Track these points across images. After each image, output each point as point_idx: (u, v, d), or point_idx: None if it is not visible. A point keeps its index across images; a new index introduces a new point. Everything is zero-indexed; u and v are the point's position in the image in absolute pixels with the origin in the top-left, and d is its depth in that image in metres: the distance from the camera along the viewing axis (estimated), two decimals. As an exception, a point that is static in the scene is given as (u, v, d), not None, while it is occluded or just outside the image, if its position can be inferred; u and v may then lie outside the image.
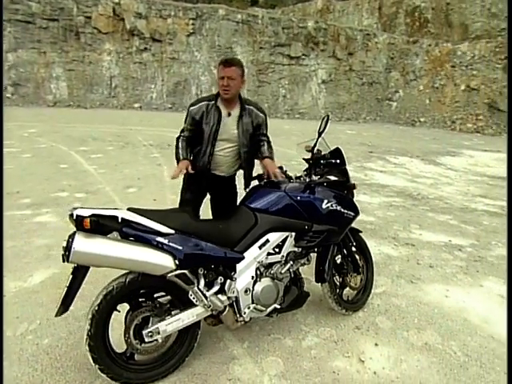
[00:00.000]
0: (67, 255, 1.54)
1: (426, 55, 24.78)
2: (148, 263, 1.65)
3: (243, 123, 2.36)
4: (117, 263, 1.64)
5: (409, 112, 26.77)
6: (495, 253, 3.79)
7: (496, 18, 25.35)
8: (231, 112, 2.37)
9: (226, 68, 2.24)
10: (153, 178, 6.49)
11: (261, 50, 28.70)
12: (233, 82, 2.24)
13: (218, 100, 2.36)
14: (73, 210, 1.64)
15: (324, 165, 2.32)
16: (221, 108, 2.34)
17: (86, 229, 1.59)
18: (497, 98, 21.78)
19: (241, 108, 2.37)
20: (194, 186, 2.57)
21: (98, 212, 1.63)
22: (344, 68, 28.76)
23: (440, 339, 2.32)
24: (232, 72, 2.23)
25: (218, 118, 2.32)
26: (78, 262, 1.58)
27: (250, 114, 2.38)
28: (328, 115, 2.40)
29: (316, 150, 2.37)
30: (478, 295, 2.92)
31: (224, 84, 2.23)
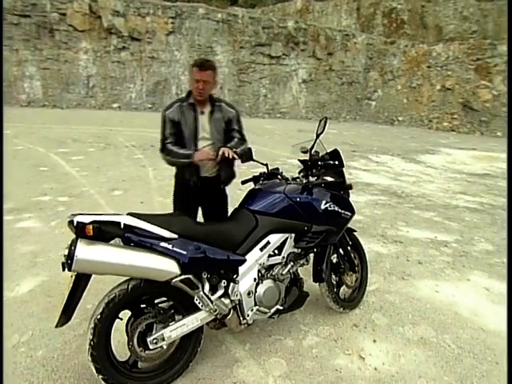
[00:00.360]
0: (69, 263, 1.49)
1: (403, 56, 25.39)
2: (152, 269, 1.62)
3: (215, 119, 2.39)
4: (121, 270, 1.61)
5: (387, 111, 27.35)
6: (479, 248, 3.94)
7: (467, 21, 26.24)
8: (204, 110, 2.40)
9: (201, 72, 2.26)
10: (138, 180, 6.38)
11: (241, 50, 28.65)
12: (208, 85, 2.29)
13: (190, 99, 2.38)
14: (72, 217, 1.59)
15: (322, 166, 2.35)
16: (195, 104, 2.36)
17: (88, 236, 1.55)
18: (470, 98, 22.55)
19: (211, 105, 2.39)
20: (183, 196, 2.56)
21: (100, 218, 1.60)
22: (324, 68, 29.09)
23: (434, 333, 2.40)
24: (207, 76, 2.27)
25: (194, 116, 2.34)
26: (81, 270, 1.54)
27: (220, 109, 2.41)
28: (326, 117, 2.43)
29: (314, 152, 2.39)
30: (466, 289, 3.03)
31: (199, 87, 2.27)
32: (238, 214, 2.10)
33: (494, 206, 5.69)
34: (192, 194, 2.53)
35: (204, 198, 2.56)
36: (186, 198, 2.56)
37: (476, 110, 22.06)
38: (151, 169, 7.36)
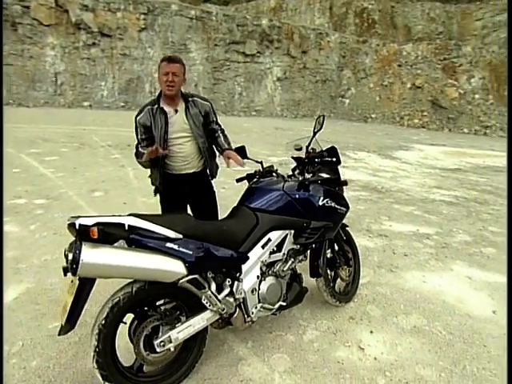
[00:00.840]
0: (74, 268, 1.44)
1: (374, 54, 26.05)
2: (159, 270, 1.60)
3: (192, 115, 2.36)
4: (127, 273, 1.57)
5: (361, 108, 27.98)
6: (458, 239, 4.13)
7: (434, 22, 27.29)
8: (177, 108, 2.37)
9: (170, 64, 2.24)
10: (118, 181, 6.22)
11: (216, 48, 28.44)
12: (177, 78, 2.25)
13: (160, 102, 2.35)
14: (73, 219, 1.55)
15: (319, 163, 2.39)
16: (165, 108, 2.33)
17: (92, 239, 1.50)
18: (438, 96, 23.47)
19: (185, 101, 2.38)
20: (171, 195, 2.54)
21: (103, 220, 1.56)
22: (298, 66, 29.38)
23: (426, 321, 2.50)
24: (176, 68, 2.25)
25: (164, 120, 2.31)
26: (87, 274, 1.49)
27: (195, 104, 2.40)
28: (324, 115, 2.47)
29: (310, 149, 2.42)
30: (450, 278, 3.17)
31: (169, 79, 2.22)
32: (238, 211, 2.10)
33: (467, 199, 5.97)
34: (179, 192, 2.50)
35: (192, 194, 2.54)
36: (174, 197, 2.52)
37: (444, 107, 23.00)
38: (131, 169, 7.19)
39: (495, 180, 7.80)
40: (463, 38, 25.20)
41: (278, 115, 28.71)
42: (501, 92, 23.26)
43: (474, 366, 2.09)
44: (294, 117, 27.90)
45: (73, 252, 1.46)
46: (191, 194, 2.52)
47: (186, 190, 2.50)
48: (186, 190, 2.49)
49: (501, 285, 3.09)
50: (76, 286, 1.53)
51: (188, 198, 2.55)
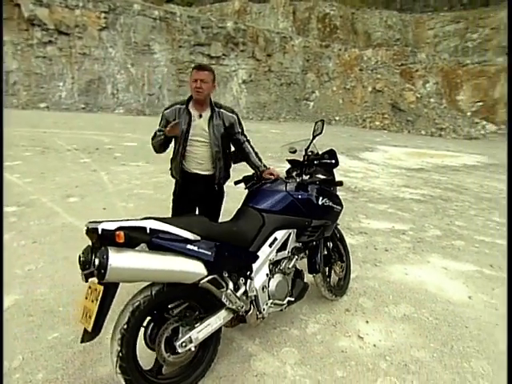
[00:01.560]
0: (102, 273, 1.44)
1: (337, 59, 26.99)
2: (182, 272, 1.63)
3: (214, 124, 2.49)
4: (152, 276, 1.60)
5: (325, 111, 28.82)
6: (430, 234, 4.45)
7: (391, 30, 28.79)
8: (202, 114, 2.50)
9: (199, 71, 2.40)
10: (93, 186, 6.04)
11: (180, 49, 28.13)
12: (205, 85, 2.39)
13: (189, 104, 2.50)
14: (95, 224, 1.55)
15: (317, 164, 2.52)
16: (191, 111, 2.48)
17: (117, 243, 1.52)
18: (398, 99, 24.76)
19: (211, 110, 2.50)
20: (184, 194, 2.63)
21: (125, 224, 1.57)
22: (263, 69, 29.76)
23: (413, 309, 2.71)
24: (205, 76, 2.39)
25: (188, 121, 2.46)
26: (115, 279, 1.50)
27: (219, 115, 2.52)
28: (323, 120, 2.60)
29: (309, 152, 2.55)
30: (429, 270, 3.43)
31: (197, 86, 2.37)
32: (244, 212, 2.17)
33: (433, 197, 6.42)
34: (192, 191, 2.56)
35: (203, 196, 2.61)
36: (186, 196, 2.59)
37: (403, 110, 24.29)
38: (104, 173, 7.00)
39: (455, 179, 8.42)
40: (418, 45, 26.83)
41: (244, 117, 28.86)
42: (452, 96, 24.97)
43: (460, 345, 2.31)
44: (260, 119, 28.16)
45: (99, 257, 1.46)
46: (202, 196, 2.60)
47: (199, 191, 2.58)
48: (198, 191, 2.58)
49: (473, 273, 3.39)
50: (101, 292, 1.53)
51: (197, 200, 2.60)
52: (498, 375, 2.07)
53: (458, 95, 24.97)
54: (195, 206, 2.65)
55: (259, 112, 29.93)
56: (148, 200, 5.40)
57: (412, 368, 2.09)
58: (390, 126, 24.37)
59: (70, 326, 2.37)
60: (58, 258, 3.36)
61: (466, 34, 26.98)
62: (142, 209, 4.94)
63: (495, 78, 24.06)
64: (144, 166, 8.04)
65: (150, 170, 7.52)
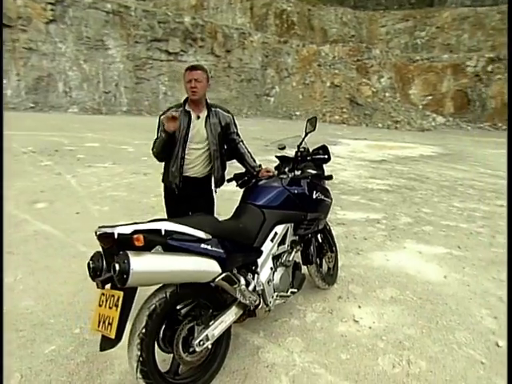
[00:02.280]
0: (124, 278, 1.42)
1: (296, 54, 27.45)
2: (199, 271, 1.66)
3: (211, 123, 2.51)
4: (171, 278, 1.60)
5: (285, 106, 29.23)
6: (402, 221, 4.75)
7: (347, 26, 29.75)
8: (200, 115, 2.51)
9: (192, 71, 2.40)
10: (61, 190, 5.77)
11: (136, 45, 27.20)
12: (200, 84, 2.39)
13: (186, 106, 2.50)
14: (110, 229, 1.54)
15: (311, 160, 2.61)
16: (190, 111, 2.47)
17: (136, 247, 1.51)
18: (355, 94, 25.71)
19: (208, 110, 2.52)
20: (173, 201, 2.61)
21: (140, 227, 1.57)
22: (223, 65, 29.58)
23: (398, 292, 2.91)
24: (198, 75, 2.39)
25: (187, 122, 2.45)
26: (136, 283, 1.49)
27: (216, 114, 2.55)
28: (316, 117, 2.70)
29: (302, 148, 2.64)
30: (406, 254, 3.68)
31: (192, 86, 2.38)
32: (245, 209, 2.22)
33: (399, 187, 6.81)
34: (180, 198, 2.56)
35: (193, 200, 2.60)
36: (176, 203, 2.58)
37: (360, 104, 25.27)
38: (70, 176, 6.69)
39: (416, 169, 8.96)
40: (372, 41, 28.01)
41: (206, 114, 28.50)
42: (405, 90, 26.36)
43: (444, 320, 2.54)
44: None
45: (119, 262, 1.44)
46: (197, 199, 2.59)
47: (195, 194, 2.57)
48: (195, 194, 2.57)
49: (444, 255, 3.69)
50: (121, 297, 1.51)
51: (194, 203, 2.59)
52: (479, 342, 2.31)
53: (410, 89, 26.44)
54: (191, 210, 2.64)
55: (221, 108, 29.70)
56: (123, 202, 5.26)
57: (406, 344, 2.26)
58: (348, 119, 25.25)
59: (65, 337, 2.30)
60: (38, 267, 3.21)
61: (415, 31, 28.64)
62: (119, 212, 4.81)
63: (442, 74, 25.72)
64: (112, 167, 7.77)
65: (118, 172, 7.29)
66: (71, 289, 2.87)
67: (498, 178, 7.97)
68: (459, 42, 27.49)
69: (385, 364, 2.09)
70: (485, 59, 24.83)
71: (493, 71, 24.56)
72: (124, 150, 10.12)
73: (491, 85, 24.49)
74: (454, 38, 27.61)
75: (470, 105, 25.25)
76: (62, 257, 3.46)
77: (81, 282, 2.97)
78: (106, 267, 1.62)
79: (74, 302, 2.70)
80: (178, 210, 2.59)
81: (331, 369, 2.03)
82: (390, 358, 2.14)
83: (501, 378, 2.02)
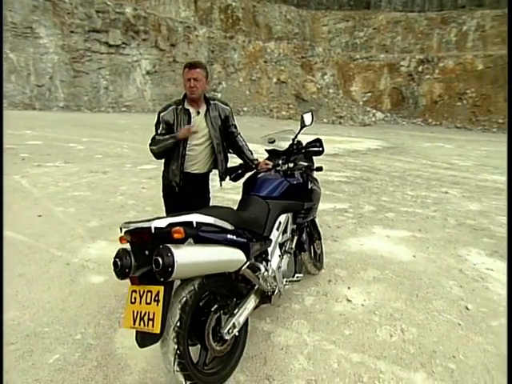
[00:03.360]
0: (169, 272, 1.43)
1: (242, 50, 27.57)
2: (230, 261, 1.72)
3: (211, 117, 2.55)
4: (207, 268, 1.65)
5: (233, 102, 29.18)
6: (366, 209, 5.13)
7: (290, 24, 30.51)
8: (199, 110, 2.54)
9: (191, 70, 2.41)
10: (14, 192, 5.34)
11: (72, 35, 25.34)
12: (198, 83, 2.42)
13: (185, 103, 2.51)
14: (144, 224, 1.54)
15: (306, 152, 2.76)
16: (189, 109, 2.49)
17: (175, 240, 1.53)
18: (301, 90, 26.57)
19: (207, 104, 2.55)
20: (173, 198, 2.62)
21: (175, 220, 1.60)
22: (168, 59, 28.75)
23: (379, 272, 3.20)
24: (197, 74, 2.42)
25: (188, 120, 2.47)
26: (180, 276, 1.52)
27: (216, 107, 2.59)
28: (312, 110, 2.84)
29: (296, 141, 2.77)
30: (377, 239, 4.02)
31: (191, 85, 2.41)
32: (251, 201, 2.30)
33: (356, 178, 7.29)
34: (180, 195, 2.57)
35: (193, 197, 2.62)
36: (177, 201, 2.58)
37: (306, 100, 26.18)
38: (19, 177, 6.19)
39: (367, 161, 9.62)
40: (315, 39, 29.10)
41: (151, 111, 27.46)
42: (347, 87, 27.81)
43: (422, 293, 2.86)
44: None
45: (162, 256, 1.45)
46: (190, 195, 2.60)
47: (195, 191, 2.60)
48: (195, 191, 2.59)
49: (409, 237, 4.08)
50: (161, 291, 1.52)
51: (194, 199, 2.60)
52: (453, 307, 2.67)
53: (351, 86, 27.96)
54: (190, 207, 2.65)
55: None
56: (88, 202, 5.01)
57: (397, 316, 2.53)
58: (295, 115, 25.99)
59: (67, 344, 2.21)
60: (12, 276, 3.00)
61: (354, 31, 30.29)
62: (87, 212, 4.59)
63: (380, 72, 27.60)
64: (65, 166, 7.29)
65: (74, 171, 6.87)
66: (58, 295, 2.73)
67: (438, 168, 8.87)
68: (393, 43, 29.71)
69: (383, 334, 2.33)
70: (416, 60, 27.16)
71: (423, 71, 26.98)
72: (73, 148, 9.51)
73: (422, 84, 26.90)
74: (389, 39, 29.78)
75: (405, 102, 27.49)
76: (36, 263, 3.26)
77: (66, 286, 2.85)
78: (135, 263, 1.61)
79: (65, 308, 2.58)
80: (178, 207, 2.58)
81: (339, 344, 2.22)
82: (386, 329, 2.39)
83: (475, 334, 2.36)
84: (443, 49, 27.79)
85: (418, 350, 2.20)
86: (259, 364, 2.03)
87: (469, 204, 5.59)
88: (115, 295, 2.72)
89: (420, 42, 28.54)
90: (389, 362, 2.09)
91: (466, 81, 24.86)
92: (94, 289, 2.82)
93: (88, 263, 3.24)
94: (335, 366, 2.02)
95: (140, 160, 8.24)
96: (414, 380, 1.96)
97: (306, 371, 1.98)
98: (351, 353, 2.14)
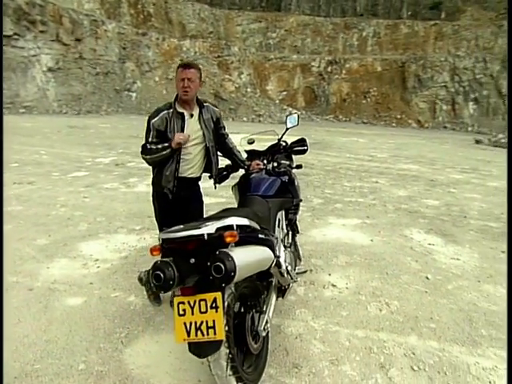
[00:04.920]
0: (232, 276, 1.45)
1: (156, 48, 26.57)
2: (266, 259, 1.79)
3: (205, 119, 2.52)
4: (254, 269, 1.69)
5: (149, 102, 28.06)
6: (316, 202, 5.54)
7: (205, 22, 30.34)
8: (192, 113, 2.49)
9: (185, 70, 2.37)
10: None
11: None
12: (192, 84, 2.38)
13: (176, 105, 2.44)
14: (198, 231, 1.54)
15: (292, 151, 2.90)
16: (183, 112, 2.43)
17: (227, 243, 1.56)
18: (219, 89, 26.68)
19: (199, 107, 2.53)
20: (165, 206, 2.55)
21: (219, 225, 1.61)
22: (73, 55, 26.29)
23: (349, 257, 3.55)
24: (191, 74, 2.38)
25: (181, 124, 2.41)
26: (239, 279, 1.53)
27: (208, 110, 2.56)
28: (298, 113, 2.97)
29: (283, 141, 2.90)
30: (335, 229, 4.40)
31: (184, 85, 2.35)
32: (252, 201, 2.37)
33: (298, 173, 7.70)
34: (174, 201, 2.51)
35: (187, 202, 2.59)
36: (170, 207, 2.52)
37: (225, 99, 26.41)
38: None
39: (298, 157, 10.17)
40: (229, 39, 29.41)
41: (56, 112, 24.82)
42: (263, 86, 28.80)
43: (389, 270, 3.28)
44: (77, 113, 24.80)
45: (223, 261, 1.45)
46: (184, 200, 2.56)
47: (188, 195, 2.55)
48: (187, 195, 2.54)
49: (361, 224, 4.56)
50: (219, 297, 1.52)
51: (186, 204, 2.56)
52: (417, 279, 3.13)
53: (267, 85, 29.05)
54: (184, 212, 2.61)
55: (74, 105, 26.39)
56: (25, 218, 4.48)
57: (378, 293, 2.88)
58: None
59: (72, 377, 1.98)
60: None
61: (267, 32, 31.46)
62: (29, 229, 4.12)
63: (293, 72, 29.21)
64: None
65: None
66: (34, 326, 2.41)
67: (362, 161, 9.87)
68: (304, 44, 31.66)
69: (374, 310, 2.64)
70: (325, 61, 29.41)
71: (332, 71, 29.37)
72: (-22, 157, 8.20)
73: (332, 83, 29.27)
74: (300, 41, 31.65)
75: (317, 100, 29.59)
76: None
77: (40, 315, 2.53)
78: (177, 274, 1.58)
79: (51, 339, 2.30)
80: (171, 213, 2.52)
81: (342, 324, 2.46)
82: (374, 305, 2.71)
83: (439, 297, 2.83)
84: (348, 51, 30.67)
85: (405, 318, 2.56)
86: (282, 355, 2.15)
87: (397, 191, 6.41)
88: (105, 315, 2.53)
89: (327, 44, 31.01)
90: (387, 332, 2.39)
91: (369, 81, 27.91)
92: (75, 312, 2.57)
93: (55, 285, 2.93)
94: (347, 344, 2.25)
95: (67, 167, 7.53)
96: (410, 342, 2.29)
97: (325, 353, 2.16)
98: (355, 330, 2.39)
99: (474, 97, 27.90)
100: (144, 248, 3.64)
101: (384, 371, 2.04)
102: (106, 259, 3.40)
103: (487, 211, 5.35)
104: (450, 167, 9.49)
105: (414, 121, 27.61)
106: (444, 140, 19.68)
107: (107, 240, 3.87)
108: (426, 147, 15.03)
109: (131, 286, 2.91)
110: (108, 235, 4.02)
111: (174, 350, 2.15)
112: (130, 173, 7.24)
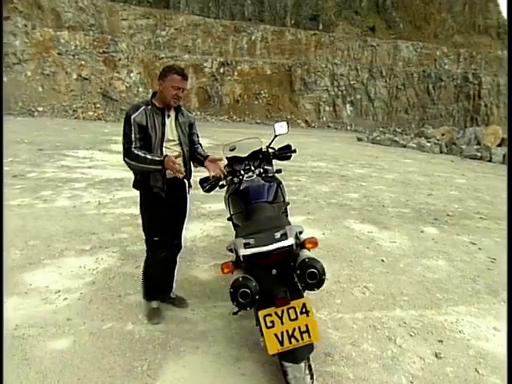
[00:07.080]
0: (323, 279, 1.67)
1: (26, 37, 22.94)
2: None
3: (180, 123, 2.50)
4: None
5: (21, 101, 24.24)
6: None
7: (84, 13, 27.42)
8: (170, 114, 2.47)
9: (183, 80, 2.37)
10: None
11: None
12: (183, 94, 2.42)
13: (156, 103, 2.40)
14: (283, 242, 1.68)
15: (280, 157, 3.03)
16: (163, 108, 2.41)
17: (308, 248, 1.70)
18: (108, 88, 24.60)
19: (175, 110, 2.50)
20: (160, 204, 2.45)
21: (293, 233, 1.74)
22: None
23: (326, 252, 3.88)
24: (186, 85, 2.42)
25: (162, 121, 2.38)
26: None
27: (183, 114, 2.56)
28: (287, 121, 3.08)
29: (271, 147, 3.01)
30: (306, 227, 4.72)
31: (179, 95, 2.37)
32: (260, 208, 2.46)
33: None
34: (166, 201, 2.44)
35: (177, 203, 2.56)
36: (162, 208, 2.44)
37: (115, 99, 24.52)
38: None
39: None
40: (115, 34, 27.23)
41: None
42: (154, 86, 27.61)
43: (352, 258, 3.76)
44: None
45: (316, 267, 1.58)
46: (174, 201, 2.52)
47: (177, 196, 2.51)
48: (176, 196, 2.51)
49: (306, 220, 4.99)
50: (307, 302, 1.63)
51: (171, 204, 2.50)
52: (376, 262, 3.67)
53: (160, 85, 27.84)
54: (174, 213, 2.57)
55: None
56: None
57: (354, 279, 3.30)
58: (104, 115, 24.00)
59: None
60: None
61: (156, 30, 30.16)
62: None
63: (186, 71, 28.69)
64: None
65: None
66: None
67: (276, 160, 10.47)
68: (195, 45, 31.44)
69: (359, 294, 3.04)
70: (217, 62, 29.80)
71: (224, 73, 29.95)
72: None
73: (224, 84, 29.86)
74: (191, 41, 31.30)
75: (211, 100, 29.82)
76: None
77: (25, 369, 2.07)
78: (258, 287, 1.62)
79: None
80: (164, 215, 2.46)
81: (342, 311, 2.78)
82: (357, 289, 3.11)
83: (399, 275, 3.40)
84: (238, 54, 31.70)
85: (384, 296, 3.02)
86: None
87: (320, 187, 7.12)
88: (110, 351, 2.24)
89: (218, 45, 31.47)
90: (378, 310, 2.81)
91: (260, 83, 29.43)
92: (70, 356, 2.18)
93: (22, 331, 2.40)
94: (355, 327, 2.57)
95: None
96: (398, 315, 2.76)
97: (343, 338, 2.44)
98: (354, 314, 2.74)
99: (350, 100, 32.43)
100: (108, 270, 3.32)
101: (392, 342, 2.42)
102: (69, 289, 2.97)
103: (396, 199, 6.43)
104: (351, 163, 10.87)
105: (303, 121, 30.44)
106: (331, 138, 22.20)
107: (57, 266, 3.39)
108: (322, 145, 16.77)
109: (120, 313, 2.66)
110: (54, 260, 3.52)
111: (207, 369, 2.11)
112: (39, 185, 6.29)
